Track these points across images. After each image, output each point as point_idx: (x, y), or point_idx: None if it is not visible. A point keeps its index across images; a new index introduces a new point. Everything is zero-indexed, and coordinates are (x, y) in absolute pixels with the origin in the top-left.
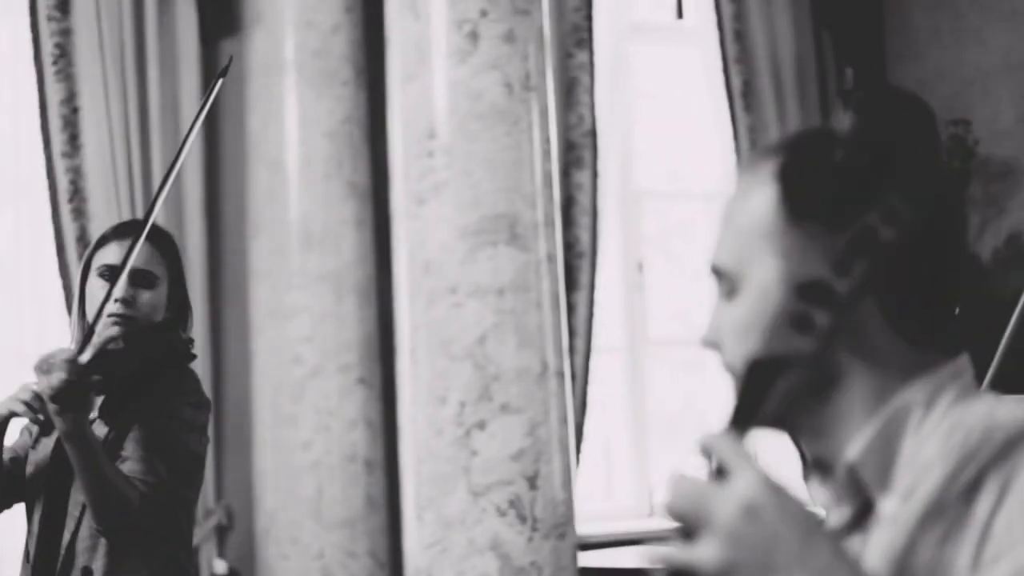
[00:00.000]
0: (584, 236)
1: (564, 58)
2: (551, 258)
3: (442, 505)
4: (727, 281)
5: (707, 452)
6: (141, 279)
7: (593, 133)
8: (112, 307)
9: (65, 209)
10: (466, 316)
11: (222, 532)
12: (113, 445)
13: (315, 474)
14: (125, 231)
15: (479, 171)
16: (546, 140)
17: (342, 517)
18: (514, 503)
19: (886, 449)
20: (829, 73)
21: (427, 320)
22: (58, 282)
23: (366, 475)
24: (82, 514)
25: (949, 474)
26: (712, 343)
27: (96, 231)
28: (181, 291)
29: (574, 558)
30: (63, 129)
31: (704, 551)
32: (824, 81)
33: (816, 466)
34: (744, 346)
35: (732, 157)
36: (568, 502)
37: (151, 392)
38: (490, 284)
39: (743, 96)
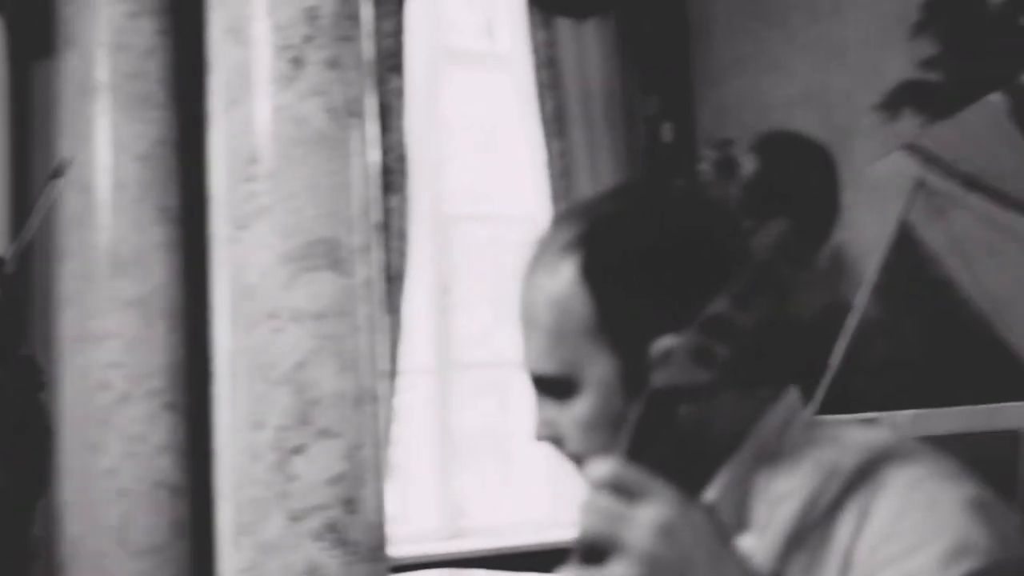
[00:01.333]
0: (395, 260)
1: (377, 84)
2: (369, 283)
3: (259, 530)
4: (556, 384)
5: (609, 479)
6: None
7: (404, 158)
8: None
9: None
10: (286, 341)
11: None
12: None
13: (121, 501)
14: None
15: (301, 196)
16: (367, 165)
17: (148, 544)
18: (332, 528)
19: (740, 488)
20: (636, 100)
21: (246, 345)
22: None
23: (173, 501)
24: None
25: (805, 504)
26: (548, 438)
27: None
28: (16, 320)
29: None
30: None
31: (618, 573)
32: (631, 107)
33: None
34: (597, 440)
35: (544, 181)
36: (382, 525)
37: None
38: (310, 309)
39: (554, 121)
